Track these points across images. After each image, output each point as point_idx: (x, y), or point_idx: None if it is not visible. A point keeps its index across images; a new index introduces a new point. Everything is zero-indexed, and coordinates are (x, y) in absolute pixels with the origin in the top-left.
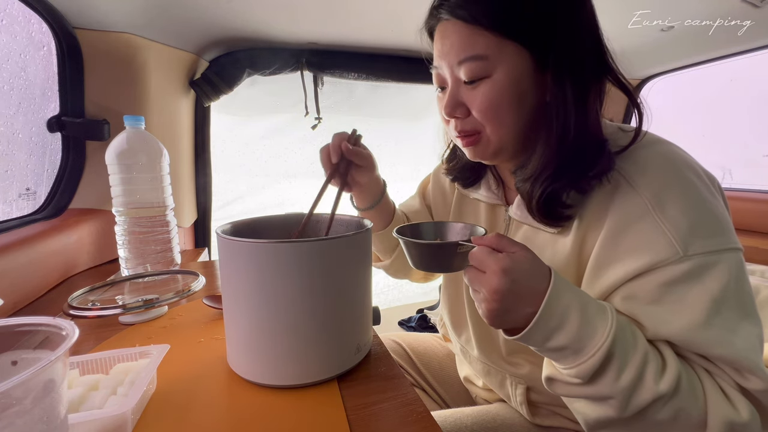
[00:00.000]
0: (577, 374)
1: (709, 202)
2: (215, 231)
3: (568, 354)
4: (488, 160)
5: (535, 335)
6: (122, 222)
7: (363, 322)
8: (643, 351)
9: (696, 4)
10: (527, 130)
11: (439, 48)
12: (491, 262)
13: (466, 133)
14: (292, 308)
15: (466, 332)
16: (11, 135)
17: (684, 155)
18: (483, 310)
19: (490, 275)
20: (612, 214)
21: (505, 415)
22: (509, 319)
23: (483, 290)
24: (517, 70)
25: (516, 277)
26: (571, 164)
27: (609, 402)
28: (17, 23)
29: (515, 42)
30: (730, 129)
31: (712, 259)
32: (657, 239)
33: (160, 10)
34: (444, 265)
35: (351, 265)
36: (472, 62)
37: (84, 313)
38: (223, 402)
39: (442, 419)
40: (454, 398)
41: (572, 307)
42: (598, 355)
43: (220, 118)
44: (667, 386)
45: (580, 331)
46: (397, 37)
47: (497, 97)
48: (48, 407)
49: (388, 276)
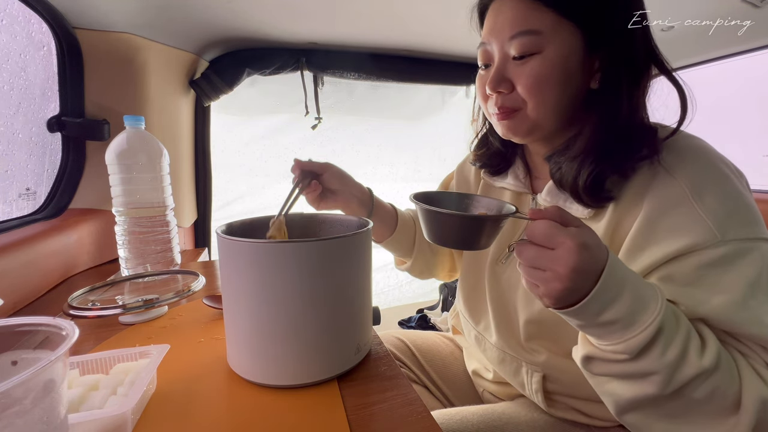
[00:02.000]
0: (624, 349)
1: (742, 194)
2: (215, 231)
3: (617, 329)
4: (521, 137)
5: (590, 308)
6: (122, 222)
7: (363, 322)
8: (686, 328)
9: (696, 4)
10: (567, 112)
11: (491, 24)
12: (564, 237)
13: (506, 109)
14: (292, 308)
15: (485, 318)
16: (11, 135)
17: (715, 150)
18: (549, 290)
19: (565, 252)
20: (650, 200)
21: (511, 414)
22: (573, 297)
23: (556, 268)
24: (568, 50)
25: (593, 252)
26: (618, 147)
27: (651, 378)
28: (17, 23)
29: (571, 21)
30: (730, 129)
31: (747, 246)
32: (695, 224)
33: (160, 10)
34: (471, 241)
35: (351, 265)
36: (525, 36)
37: (84, 313)
38: (223, 402)
39: (447, 417)
40: (459, 396)
41: (627, 280)
42: (650, 329)
43: (220, 118)
44: (709, 361)
45: (633, 305)
46: (397, 37)
47: (545, 74)
48: (48, 407)
49: (388, 276)
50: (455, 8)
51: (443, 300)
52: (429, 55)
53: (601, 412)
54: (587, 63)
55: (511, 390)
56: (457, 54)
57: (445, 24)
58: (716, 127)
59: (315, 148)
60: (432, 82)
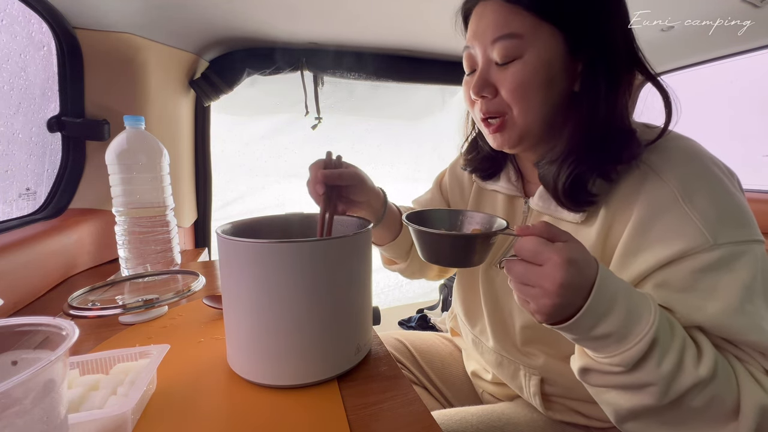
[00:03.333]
0: (620, 362)
1: (733, 195)
2: (215, 231)
3: (611, 342)
4: (512, 148)
5: (583, 323)
6: (122, 222)
7: (363, 322)
8: (681, 337)
9: (696, 4)
10: (552, 116)
11: (474, 28)
12: (551, 253)
13: (492, 114)
14: (292, 308)
15: (480, 322)
16: (11, 135)
17: (706, 150)
18: (540, 306)
19: (551, 268)
20: (640, 204)
21: (511, 414)
22: (565, 313)
23: (544, 284)
24: (549, 53)
25: (581, 267)
26: (598, 150)
27: (648, 390)
28: (17, 23)
29: (551, 24)
30: (730, 129)
31: (740, 249)
32: (687, 228)
33: (160, 10)
34: (463, 259)
35: (351, 265)
36: (506, 40)
37: (84, 313)
38: (223, 402)
39: (447, 418)
40: (458, 396)
41: (619, 293)
42: (644, 341)
43: (220, 117)
44: (706, 371)
45: (627, 318)
46: (397, 37)
47: (528, 78)
48: (48, 407)
49: (388, 276)
50: (455, 8)
51: (443, 300)
52: (429, 55)
53: (599, 413)
54: (570, 66)
55: (510, 391)
56: (457, 54)
57: (445, 24)
58: (716, 127)
59: (315, 148)
60: (432, 82)
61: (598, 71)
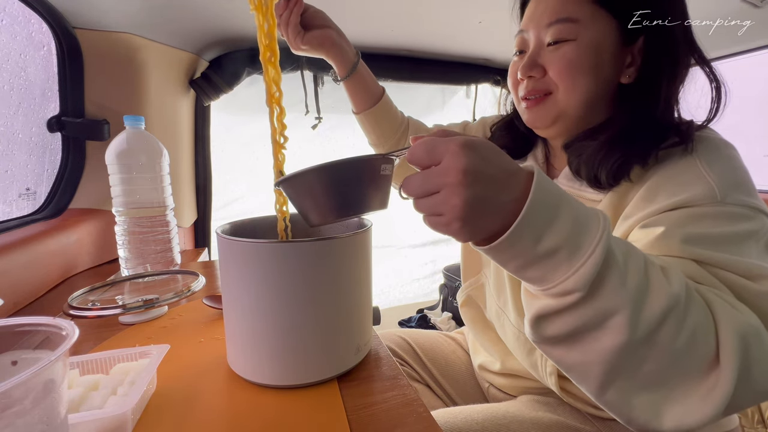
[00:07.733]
0: (575, 286)
1: (750, 176)
2: (215, 231)
3: (562, 258)
4: (546, 126)
5: (525, 232)
6: (122, 222)
7: (363, 322)
8: (641, 254)
9: (696, 4)
10: (594, 102)
11: (530, 12)
12: (446, 144)
13: (537, 93)
14: (291, 308)
15: (503, 294)
16: (11, 135)
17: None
18: (451, 210)
19: (450, 158)
20: (657, 172)
21: (515, 412)
22: (488, 213)
23: (446, 179)
24: (602, 39)
25: (483, 152)
26: (647, 139)
27: (615, 320)
28: (17, 23)
29: (608, 11)
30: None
31: (748, 213)
32: (697, 183)
33: (160, 10)
34: (360, 199)
35: (351, 265)
36: (562, 24)
37: (84, 313)
38: (223, 402)
39: (451, 416)
40: (461, 394)
41: (561, 194)
42: (598, 251)
43: (220, 117)
44: (678, 286)
45: (575, 225)
46: (397, 37)
47: (577, 59)
48: (48, 407)
49: (388, 276)
50: (455, 8)
51: (443, 300)
52: (429, 55)
53: None
54: (620, 56)
55: (518, 383)
56: (457, 54)
57: (446, 24)
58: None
59: (315, 148)
60: (432, 82)
61: (659, 61)
